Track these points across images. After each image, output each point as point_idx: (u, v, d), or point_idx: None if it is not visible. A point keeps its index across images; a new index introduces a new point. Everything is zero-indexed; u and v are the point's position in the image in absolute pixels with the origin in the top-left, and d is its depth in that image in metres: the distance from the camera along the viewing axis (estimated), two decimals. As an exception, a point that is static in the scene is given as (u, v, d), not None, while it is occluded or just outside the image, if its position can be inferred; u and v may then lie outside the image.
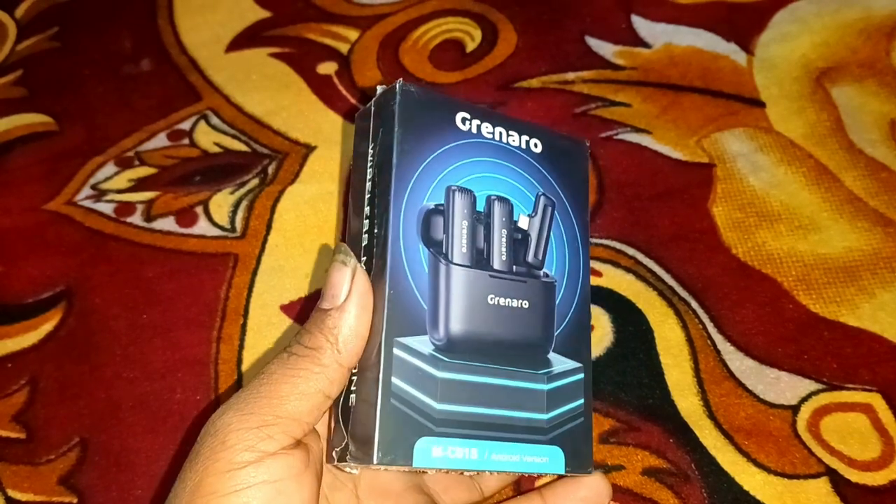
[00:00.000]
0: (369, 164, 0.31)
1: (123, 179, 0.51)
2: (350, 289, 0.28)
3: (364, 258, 0.30)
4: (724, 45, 0.54)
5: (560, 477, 0.33)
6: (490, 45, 0.56)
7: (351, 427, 0.29)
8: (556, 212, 0.33)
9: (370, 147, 0.31)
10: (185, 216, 0.49)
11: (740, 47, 0.54)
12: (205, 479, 0.26)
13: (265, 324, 0.45)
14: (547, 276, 0.32)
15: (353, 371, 0.29)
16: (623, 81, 0.53)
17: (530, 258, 0.32)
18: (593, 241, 0.46)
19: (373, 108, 0.32)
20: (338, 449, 0.29)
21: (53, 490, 0.40)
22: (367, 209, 0.30)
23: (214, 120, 0.53)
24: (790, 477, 0.38)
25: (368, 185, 0.31)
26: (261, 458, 0.26)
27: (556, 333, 0.32)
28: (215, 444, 0.26)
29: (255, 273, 0.47)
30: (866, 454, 0.39)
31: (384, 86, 0.32)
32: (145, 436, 0.42)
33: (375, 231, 0.30)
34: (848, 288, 0.44)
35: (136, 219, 0.49)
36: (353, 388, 0.29)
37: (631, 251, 0.46)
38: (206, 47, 0.57)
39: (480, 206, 0.31)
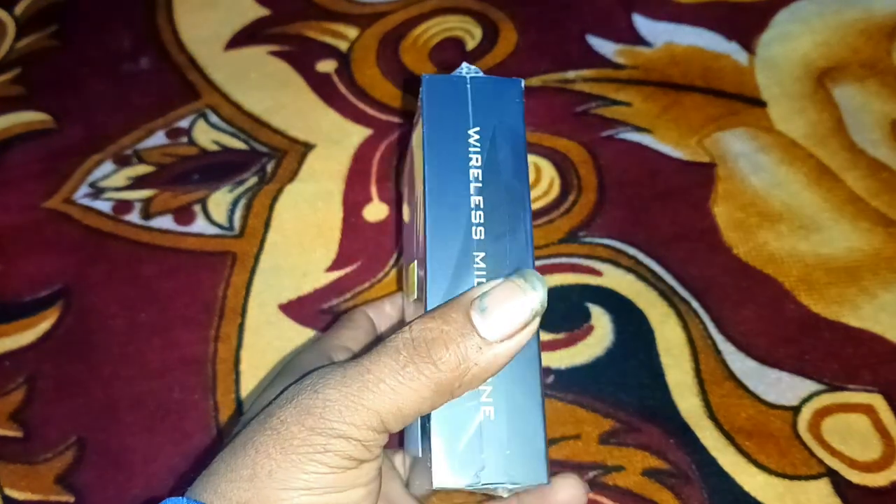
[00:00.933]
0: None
1: (122, 177, 0.51)
2: (518, 334, 0.24)
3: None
4: (726, 44, 0.54)
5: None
6: (490, 43, 0.56)
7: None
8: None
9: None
10: (184, 214, 0.49)
11: (742, 47, 0.54)
12: (299, 475, 0.24)
13: (263, 323, 0.45)
14: None
15: None
16: (624, 80, 0.53)
17: None
18: (594, 240, 0.46)
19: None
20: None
21: (50, 489, 0.40)
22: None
23: (213, 118, 0.53)
24: (791, 478, 0.38)
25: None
26: (357, 466, 0.25)
27: None
28: (317, 442, 0.24)
29: (253, 272, 0.46)
30: (867, 455, 0.39)
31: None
32: (143, 435, 0.42)
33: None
34: (849, 288, 0.44)
35: (135, 217, 0.49)
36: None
37: (632, 251, 0.46)
38: (205, 45, 0.57)
39: None
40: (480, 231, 0.28)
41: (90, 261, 0.48)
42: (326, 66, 0.56)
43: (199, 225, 0.48)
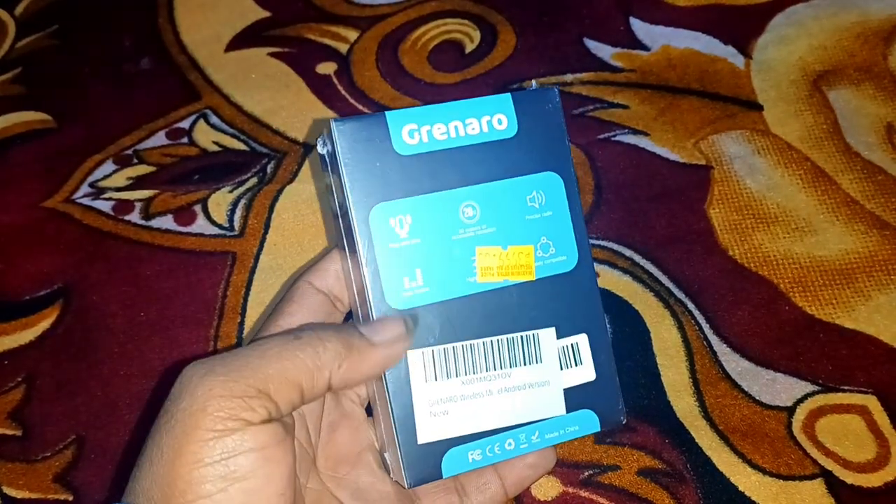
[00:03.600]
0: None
1: (122, 177, 0.51)
2: (395, 344, 0.29)
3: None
4: (722, 47, 0.55)
5: None
6: (489, 46, 0.56)
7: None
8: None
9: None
10: (184, 214, 0.49)
11: (738, 50, 0.54)
12: (185, 446, 0.25)
13: (262, 322, 0.45)
14: None
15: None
16: (621, 83, 0.53)
17: None
18: (591, 242, 0.46)
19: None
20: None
21: (49, 487, 0.40)
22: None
23: (214, 119, 0.53)
24: (785, 478, 0.38)
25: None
26: (243, 426, 0.25)
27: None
28: (195, 409, 0.25)
29: (252, 272, 0.47)
30: (861, 456, 0.39)
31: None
32: (142, 434, 0.42)
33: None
34: (844, 290, 0.44)
35: (135, 217, 0.49)
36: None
37: (628, 252, 0.46)
38: (205, 46, 0.58)
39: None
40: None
41: (90, 260, 0.48)
42: (326, 67, 0.56)
43: (200, 225, 0.49)
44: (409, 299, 0.30)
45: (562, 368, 0.31)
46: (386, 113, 0.30)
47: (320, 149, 0.31)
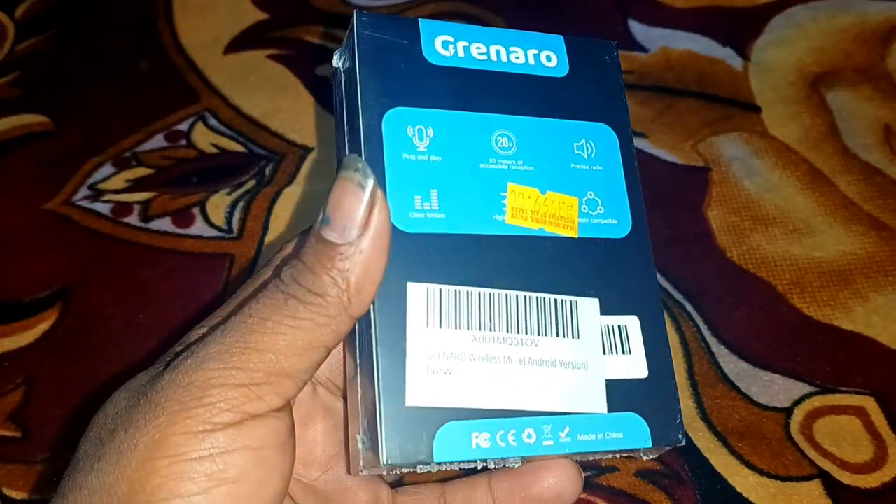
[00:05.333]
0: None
1: (121, 180, 0.51)
2: (367, 220, 0.22)
3: None
4: (721, 49, 0.55)
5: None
6: (487, 48, 0.56)
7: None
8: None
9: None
10: (182, 217, 0.49)
11: (736, 52, 0.54)
12: (169, 437, 0.21)
13: (261, 324, 0.45)
14: None
15: None
16: (619, 85, 0.53)
17: None
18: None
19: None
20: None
21: (48, 490, 0.40)
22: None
23: (212, 121, 0.53)
24: (783, 479, 0.38)
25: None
26: (244, 419, 0.21)
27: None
28: (188, 398, 0.21)
29: (250, 274, 0.47)
30: (859, 457, 0.39)
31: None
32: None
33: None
34: (842, 291, 0.44)
35: (133, 219, 0.49)
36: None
37: (626, 254, 0.46)
38: (204, 49, 0.58)
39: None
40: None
41: (89, 262, 0.48)
42: (325, 69, 0.56)
43: (198, 227, 0.49)
44: (420, 222, 0.24)
45: (605, 353, 0.25)
46: (419, 19, 0.26)
47: (336, 62, 0.26)
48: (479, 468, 0.24)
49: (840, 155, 0.49)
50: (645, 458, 0.25)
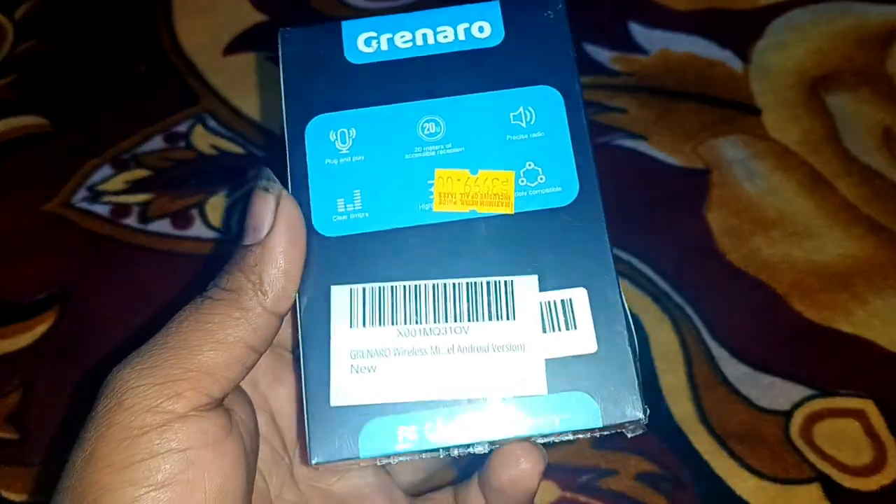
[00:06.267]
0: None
1: (120, 181, 0.51)
2: (275, 219, 0.23)
3: None
4: (720, 52, 0.55)
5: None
6: (487, 50, 0.56)
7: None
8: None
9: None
10: (181, 218, 0.49)
11: (736, 54, 0.54)
12: (98, 449, 0.21)
13: (260, 326, 0.45)
14: None
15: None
16: (619, 87, 0.53)
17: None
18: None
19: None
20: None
21: (47, 492, 0.40)
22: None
23: (211, 123, 0.53)
24: (783, 482, 0.38)
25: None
26: (168, 420, 0.21)
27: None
28: (111, 405, 0.22)
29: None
30: (858, 460, 0.39)
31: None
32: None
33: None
34: (842, 294, 0.44)
35: (132, 221, 0.49)
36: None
37: (625, 256, 0.46)
38: (203, 50, 0.57)
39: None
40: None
41: (88, 264, 0.48)
42: (324, 71, 0.56)
43: (197, 229, 0.49)
44: (342, 224, 0.25)
45: (545, 331, 0.24)
46: (343, 21, 0.27)
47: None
48: (442, 457, 0.24)
49: (840, 158, 0.49)
50: (605, 434, 0.24)
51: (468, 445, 0.24)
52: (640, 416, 0.23)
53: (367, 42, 0.26)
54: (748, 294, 0.44)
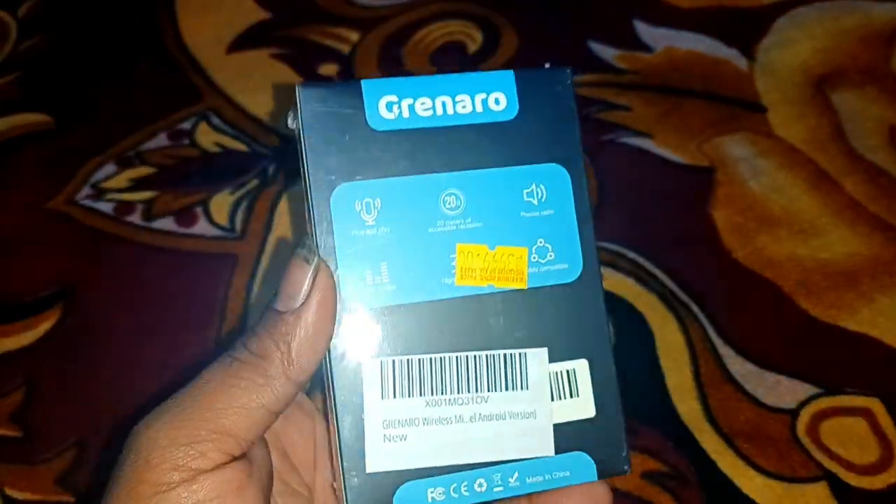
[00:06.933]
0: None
1: (123, 179, 0.51)
2: (310, 290, 0.24)
3: None
4: (726, 49, 0.54)
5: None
6: (492, 47, 0.56)
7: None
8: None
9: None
10: (185, 216, 0.49)
11: (741, 52, 0.54)
12: None
13: (265, 324, 0.45)
14: None
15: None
16: (624, 85, 0.53)
17: None
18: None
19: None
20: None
21: (50, 490, 0.40)
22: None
23: (215, 120, 0.53)
24: (789, 481, 0.38)
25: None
26: (192, 477, 0.23)
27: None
28: (138, 463, 0.23)
29: (254, 274, 0.47)
30: (865, 458, 0.39)
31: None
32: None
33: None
34: (848, 293, 0.44)
35: (136, 218, 0.49)
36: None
37: (631, 254, 0.46)
38: (207, 48, 0.57)
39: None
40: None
41: (91, 262, 0.48)
42: (328, 69, 0.56)
43: (201, 226, 0.49)
44: (372, 297, 0.26)
45: (553, 399, 0.27)
46: (362, 80, 0.26)
47: (290, 123, 0.27)
48: None
49: (845, 156, 0.49)
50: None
51: (487, 501, 0.26)
52: (627, 469, 0.27)
53: (388, 107, 0.27)
54: (754, 292, 0.44)
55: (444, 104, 0.27)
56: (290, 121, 0.27)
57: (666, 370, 0.42)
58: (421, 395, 0.26)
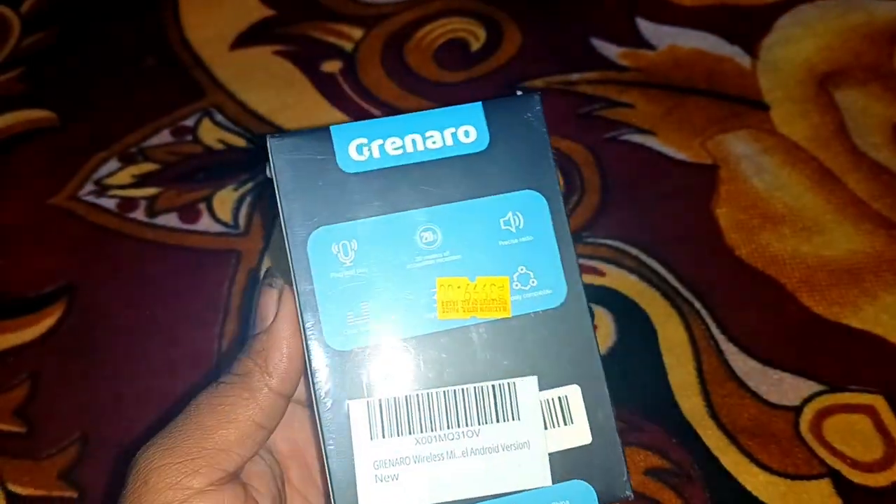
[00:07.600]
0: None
1: (127, 175, 0.51)
2: (277, 310, 0.26)
3: None
4: (729, 47, 0.54)
5: None
6: (495, 45, 0.56)
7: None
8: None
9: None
10: (189, 212, 0.49)
11: (744, 50, 0.54)
12: None
13: (268, 320, 0.45)
14: None
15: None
16: (627, 83, 0.53)
17: None
18: (597, 241, 0.46)
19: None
20: None
21: (54, 485, 0.40)
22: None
23: (218, 117, 0.53)
24: (793, 478, 0.38)
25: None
26: (188, 497, 0.24)
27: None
28: (137, 485, 0.24)
29: (257, 270, 0.47)
30: (868, 455, 0.39)
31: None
32: (146, 431, 0.42)
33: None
34: (851, 290, 0.44)
35: (140, 214, 0.49)
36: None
37: (634, 251, 0.46)
38: (210, 44, 0.57)
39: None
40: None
41: (95, 258, 0.48)
42: (331, 66, 0.56)
43: (204, 223, 0.49)
44: (354, 338, 0.26)
45: (546, 427, 0.26)
46: (331, 126, 0.27)
47: (268, 172, 0.27)
48: None
49: (848, 153, 0.49)
50: None
51: None
52: (629, 494, 0.26)
53: (358, 149, 0.27)
54: (757, 289, 0.44)
55: (413, 142, 0.27)
56: (267, 170, 0.27)
57: (669, 367, 0.42)
58: (410, 433, 0.26)
